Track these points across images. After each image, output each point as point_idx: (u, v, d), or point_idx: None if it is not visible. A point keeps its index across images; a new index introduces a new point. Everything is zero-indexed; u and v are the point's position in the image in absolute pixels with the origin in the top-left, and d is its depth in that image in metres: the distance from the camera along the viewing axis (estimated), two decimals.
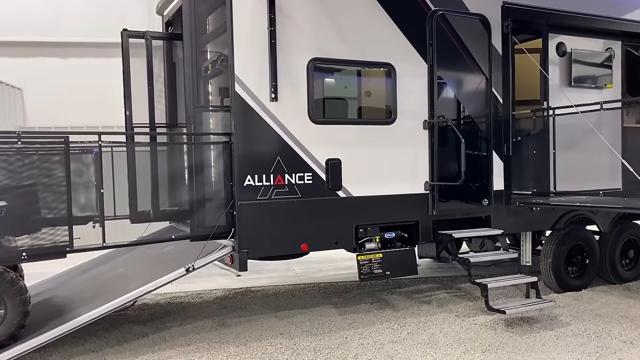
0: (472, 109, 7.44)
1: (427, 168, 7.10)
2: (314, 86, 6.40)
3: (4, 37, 13.65)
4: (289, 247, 6.37)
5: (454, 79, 7.35)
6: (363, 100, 7.21)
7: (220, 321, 7.19)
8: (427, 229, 7.15)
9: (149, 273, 6.30)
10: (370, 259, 6.78)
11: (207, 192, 6.19)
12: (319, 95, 6.81)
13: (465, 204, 7.50)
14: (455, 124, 7.24)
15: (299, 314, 7.41)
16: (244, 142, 6.04)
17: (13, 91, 13.65)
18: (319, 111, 6.62)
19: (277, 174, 6.20)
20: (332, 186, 6.50)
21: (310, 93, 6.34)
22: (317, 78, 6.48)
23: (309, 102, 6.34)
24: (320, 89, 6.80)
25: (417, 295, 8.30)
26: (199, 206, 6.18)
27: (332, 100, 7.08)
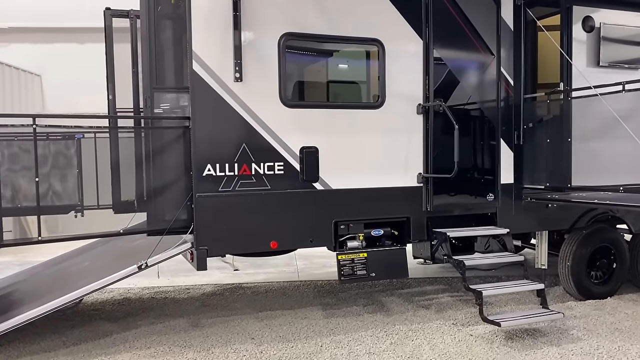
0: (476, 92, 6.52)
1: (421, 158, 6.25)
2: (287, 65, 5.65)
3: (22, 24, 13.52)
4: (255, 245, 5.68)
5: (455, 57, 6.43)
6: (345, 80, 6.40)
7: (195, 321, 6.61)
8: (420, 227, 6.31)
9: (107, 269, 5.76)
10: (352, 259, 6.02)
11: (165, 183, 5.56)
12: (293, 75, 6.07)
13: (465, 199, 6.60)
14: (455, 108, 6.32)
15: (281, 316, 6.74)
16: (203, 127, 5.38)
17: (32, 77, 13.50)
18: (292, 93, 5.87)
19: (243, 163, 5.51)
20: (307, 177, 5.76)
21: (282, 73, 5.60)
22: (290, 56, 5.73)
23: (281, 83, 5.61)
24: (294, 68, 6.04)
25: (417, 297, 7.48)
26: (156, 197, 5.58)
27: (309, 81, 6.31)
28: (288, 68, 5.68)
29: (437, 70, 6.26)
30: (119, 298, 7.68)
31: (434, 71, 6.23)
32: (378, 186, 6.09)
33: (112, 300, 7.59)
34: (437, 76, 6.30)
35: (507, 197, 6.67)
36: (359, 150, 5.98)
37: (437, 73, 6.30)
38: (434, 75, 6.25)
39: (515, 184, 6.71)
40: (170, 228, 5.46)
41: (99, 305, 7.37)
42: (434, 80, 6.23)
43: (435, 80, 6.30)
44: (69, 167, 6.74)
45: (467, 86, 6.50)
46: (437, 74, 6.31)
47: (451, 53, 6.41)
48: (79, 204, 6.78)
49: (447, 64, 6.37)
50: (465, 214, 6.65)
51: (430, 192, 6.24)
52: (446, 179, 6.11)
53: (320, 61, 6.37)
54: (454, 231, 6.23)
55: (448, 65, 6.38)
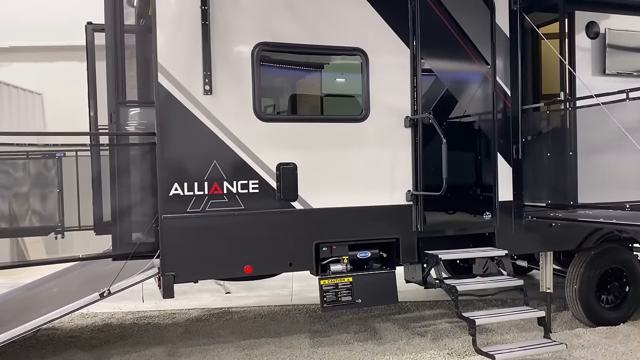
0: (470, 104, 6.06)
1: (410, 174, 5.79)
2: (262, 77, 5.27)
3: (23, 43, 13.42)
4: (227, 270, 5.26)
5: (446, 67, 5.98)
6: (326, 93, 5.99)
7: (172, 350, 6.18)
8: (410, 248, 5.83)
9: (73, 295, 5.38)
10: (336, 284, 5.56)
11: (131, 203, 5.19)
12: (269, 87, 5.68)
13: (460, 217, 6.12)
14: (446, 121, 5.88)
15: (265, 345, 6.28)
16: (169, 143, 5.00)
17: (32, 96, 13.36)
18: (268, 106, 5.48)
19: (213, 181, 5.12)
20: (285, 196, 5.34)
21: (257, 85, 5.22)
22: (265, 67, 5.35)
23: (255, 96, 5.22)
24: (269, 80, 5.65)
25: (414, 323, 6.97)
26: (122, 219, 5.20)
27: (286, 94, 5.92)
28: (263, 80, 5.29)
29: (426, 81, 5.83)
30: (100, 324, 7.30)
31: (423, 82, 5.79)
32: (363, 205, 5.64)
33: (92, 326, 7.21)
34: (426, 87, 5.87)
35: (505, 216, 6.17)
36: (341, 167, 5.55)
37: (426, 84, 5.87)
38: (423, 87, 5.81)
39: (514, 201, 6.21)
40: (136, 252, 5.07)
41: (78, 331, 6.99)
42: (422, 91, 5.79)
43: (424, 92, 5.87)
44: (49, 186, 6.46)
45: (460, 98, 6.05)
46: (426, 85, 5.88)
47: (441, 63, 5.97)
48: (60, 225, 6.48)
49: (437, 74, 5.94)
50: (461, 234, 6.16)
51: (420, 210, 5.77)
52: (439, 197, 5.63)
53: (298, 72, 5.98)
54: (447, 253, 5.74)
55: (438, 76, 5.94)
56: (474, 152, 6.13)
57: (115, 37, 5.24)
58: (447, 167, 5.25)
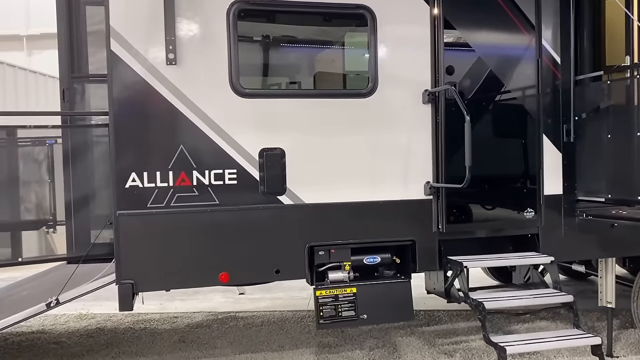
0: (508, 75, 4.84)
1: (430, 162, 4.65)
2: (240, 43, 4.26)
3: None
4: (198, 278, 4.30)
5: (476, 29, 4.78)
6: (321, 62, 4.90)
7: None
8: (430, 253, 4.69)
9: (30, 302, 4.60)
10: (335, 295, 4.51)
11: (88, 195, 4.33)
12: (249, 55, 4.65)
13: (494, 216, 4.92)
14: (477, 97, 4.69)
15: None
16: (125, 124, 4.09)
17: (52, 81, 12.96)
18: (248, 79, 4.44)
19: (180, 170, 4.17)
20: (270, 189, 4.33)
21: (234, 52, 4.20)
22: (244, 31, 4.34)
23: (232, 66, 4.22)
24: (250, 47, 4.63)
25: (443, 339, 5.82)
26: (78, 215, 4.35)
27: (271, 63, 4.87)
28: (241, 47, 4.27)
29: (451, 47, 4.66)
30: (93, 328, 6.57)
31: (447, 49, 4.62)
32: (370, 200, 4.55)
33: (83, 330, 6.49)
34: (451, 55, 4.70)
35: (553, 213, 4.91)
36: (342, 153, 4.47)
37: (452, 51, 4.70)
38: (447, 54, 4.64)
39: (564, 195, 4.94)
40: (92, 255, 4.21)
41: (66, 336, 6.28)
42: (445, 60, 4.62)
43: (449, 60, 4.70)
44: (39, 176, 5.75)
45: (495, 67, 4.84)
46: (452, 53, 4.71)
47: (471, 23, 4.76)
48: (51, 218, 5.77)
49: (465, 38, 4.74)
50: (495, 236, 4.96)
51: (442, 207, 4.62)
52: (466, 190, 4.46)
53: (286, 37, 4.91)
54: (474, 260, 4.57)
55: (467, 41, 4.75)
56: (513, 134, 4.91)
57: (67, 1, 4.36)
58: (471, 152, 4.06)
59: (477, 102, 4.70)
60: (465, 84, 4.62)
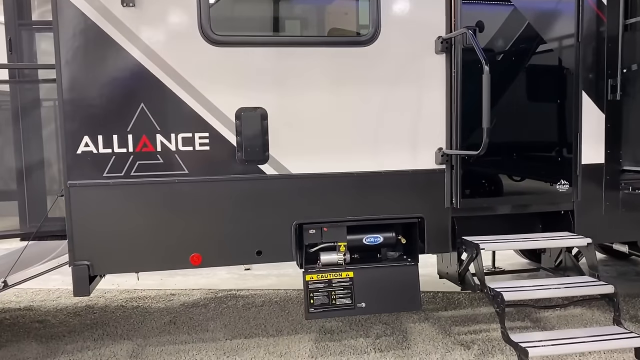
0: (543, 21, 3.97)
1: (442, 125, 3.85)
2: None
3: None
4: (165, 260, 3.65)
5: None
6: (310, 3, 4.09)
7: (138, 349, 4.76)
8: (441, 232, 3.93)
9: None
10: (329, 280, 3.82)
11: (40, 163, 3.70)
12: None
13: (520, 188, 4.10)
14: (502, 46, 3.84)
15: (254, 348, 4.70)
16: (75, 79, 3.42)
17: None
18: (221, 23, 3.68)
19: (141, 133, 3.49)
20: (249, 156, 3.62)
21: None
22: None
23: (201, 7, 3.49)
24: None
25: (461, 327, 5.08)
26: (30, 185, 3.74)
27: (249, 4, 4.08)
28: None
29: None
30: (83, 305, 6.06)
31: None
32: (370, 170, 3.80)
33: (73, 306, 5.99)
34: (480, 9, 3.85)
35: (592, 186, 4.08)
36: (336, 114, 3.72)
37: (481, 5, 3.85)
38: (475, 8, 3.80)
39: (607, 164, 4.09)
40: (47, 231, 3.60)
41: (52, 313, 5.79)
42: (474, 13, 3.77)
43: (478, 15, 3.86)
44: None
45: (531, 17, 3.96)
46: (481, 6, 3.86)
47: None
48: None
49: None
50: (521, 213, 4.16)
51: (457, 178, 3.84)
52: (484, 158, 3.68)
53: None
54: (492, 241, 3.79)
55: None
56: (547, 92, 4.05)
57: None
58: (489, 111, 3.25)
59: (506, 59, 3.87)
60: (496, 40, 3.78)
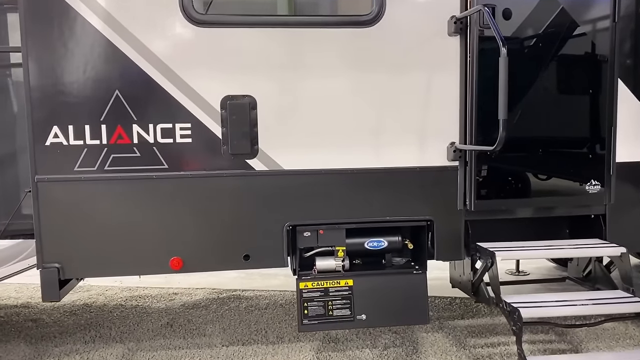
0: (576, 2, 3.48)
1: (455, 117, 3.40)
2: None
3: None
4: (143, 264, 3.30)
5: None
6: None
7: (130, 354, 4.47)
8: (452, 237, 3.48)
9: None
10: (325, 289, 3.42)
11: (13, 154, 3.39)
12: None
13: (543, 188, 3.62)
14: (527, 32, 3.36)
15: (250, 356, 4.35)
16: (43, 63, 3.08)
17: None
18: (206, 0, 3.29)
19: (116, 123, 3.14)
20: (236, 150, 3.24)
21: None
22: None
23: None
24: None
25: (478, 339, 4.63)
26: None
27: None
28: None
29: None
30: (81, 303, 5.79)
31: None
32: (373, 167, 3.38)
33: (71, 304, 5.72)
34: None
35: (628, 188, 3.57)
36: (334, 103, 3.30)
37: None
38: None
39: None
40: (13, 231, 3.29)
41: (48, 311, 5.52)
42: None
43: (506, 2, 3.39)
44: None
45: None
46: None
47: None
48: None
49: None
50: (544, 217, 3.68)
51: (471, 176, 3.39)
52: (507, 155, 3.22)
53: None
54: (511, 249, 3.33)
55: None
56: (576, 79, 3.55)
57: None
58: (506, 100, 2.79)
59: (534, 45, 3.40)
60: (525, 24, 3.31)
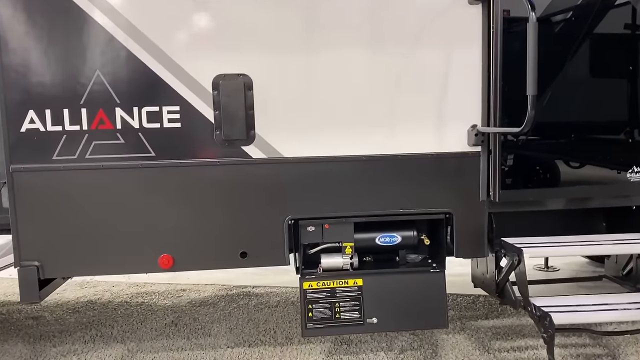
0: None
1: (478, 97, 3.00)
2: None
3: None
4: (130, 262, 2.99)
5: None
6: None
7: (129, 355, 4.20)
8: (474, 231, 3.09)
9: None
10: (332, 289, 3.07)
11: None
12: None
13: (577, 177, 3.20)
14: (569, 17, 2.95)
15: (256, 359, 4.04)
16: (15, 39, 2.78)
17: None
18: None
19: (97, 107, 2.83)
20: (230, 135, 2.90)
21: None
22: None
23: None
24: None
25: (503, 341, 4.22)
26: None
27: None
28: None
29: None
30: (85, 300, 5.53)
31: None
32: (384, 153, 3.01)
33: (75, 301, 5.46)
34: None
35: None
36: (340, 83, 2.93)
37: None
38: None
39: None
40: None
41: (51, 308, 5.29)
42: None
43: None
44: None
45: None
46: None
47: None
48: None
49: None
50: (579, 209, 3.26)
51: (496, 163, 2.99)
52: (537, 140, 2.81)
53: None
54: (540, 245, 2.93)
55: None
56: (611, 54, 3.12)
57: None
58: (536, 73, 2.39)
59: (569, 19, 2.98)
60: None
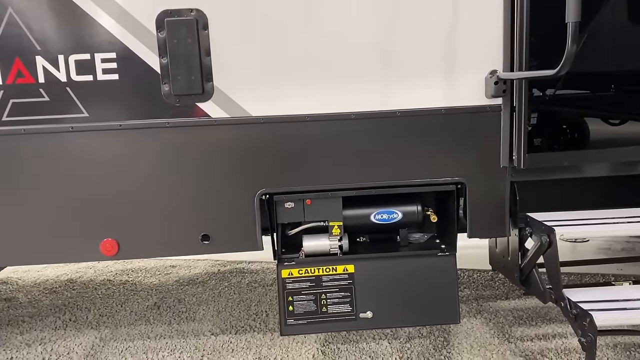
0: None
1: (499, 34, 2.33)
2: None
3: None
4: (67, 249, 2.42)
5: None
6: None
7: (96, 348, 3.69)
8: (492, 205, 2.46)
9: None
10: (317, 278, 2.49)
11: None
12: None
13: (619, 135, 2.53)
14: None
15: (242, 349, 3.49)
16: None
17: None
18: None
19: (13, 55, 2.22)
20: (181, 88, 2.27)
21: None
22: None
23: None
24: None
25: (525, 327, 3.61)
26: None
27: None
28: None
29: None
30: (65, 279, 5.06)
31: None
32: (380, 109, 2.37)
33: (53, 280, 4.98)
34: None
35: None
36: (323, 20, 2.28)
37: None
38: None
39: None
40: None
41: (27, 288, 4.81)
42: None
43: None
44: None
45: None
46: None
47: None
48: None
49: None
50: (619, 176, 2.61)
51: (521, 120, 2.33)
52: (567, 92, 2.14)
53: None
54: (575, 222, 2.30)
55: None
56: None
57: None
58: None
59: None
60: None
